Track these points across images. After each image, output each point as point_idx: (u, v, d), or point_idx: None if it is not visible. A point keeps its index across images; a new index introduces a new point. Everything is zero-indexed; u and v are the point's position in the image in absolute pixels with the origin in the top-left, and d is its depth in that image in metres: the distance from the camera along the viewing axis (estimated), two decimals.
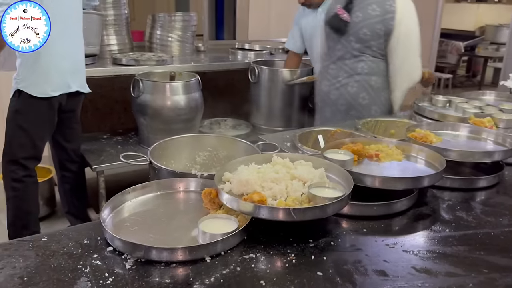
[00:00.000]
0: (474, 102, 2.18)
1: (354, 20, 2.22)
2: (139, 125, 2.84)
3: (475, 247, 1.04)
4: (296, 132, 1.90)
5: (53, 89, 2.28)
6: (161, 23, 3.34)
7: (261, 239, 1.06)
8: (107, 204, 1.11)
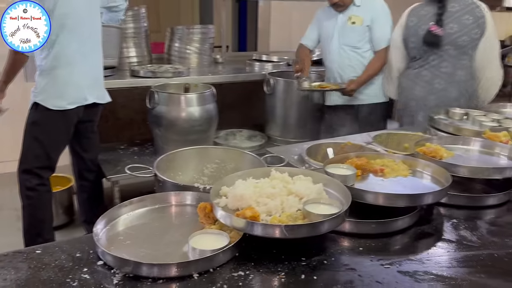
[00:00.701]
0: (493, 115, 2.11)
1: (449, 31, 2.44)
2: (154, 136, 2.88)
3: (476, 269, 1.00)
4: (304, 144, 1.88)
5: (70, 103, 2.34)
6: (179, 36, 3.39)
7: (253, 256, 1.04)
8: (102, 218, 1.12)
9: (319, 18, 2.97)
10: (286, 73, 3.27)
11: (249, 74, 3.24)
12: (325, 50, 2.96)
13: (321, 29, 2.95)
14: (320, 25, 2.95)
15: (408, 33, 2.57)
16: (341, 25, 2.82)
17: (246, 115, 3.57)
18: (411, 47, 2.57)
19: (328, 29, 2.88)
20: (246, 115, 3.57)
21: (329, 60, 2.93)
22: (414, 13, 2.57)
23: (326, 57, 2.96)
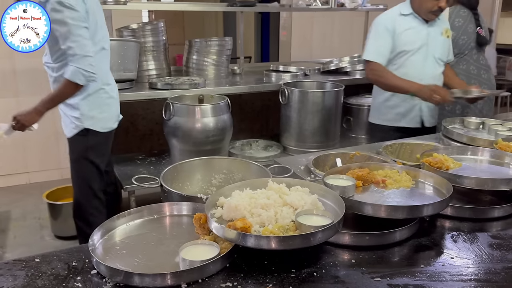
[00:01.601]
0: (509, 124, 2.04)
1: (485, 33, 3.15)
2: (170, 146, 2.93)
3: (468, 283, 0.97)
4: (311, 155, 1.88)
5: (114, 121, 2.43)
6: (197, 48, 3.45)
7: (244, 267, 1.05)
8: (99, 228, 1.15)
9: (394, 28, 2.53)
10: (302, 83, 3.28)
11: (265, 85, 3.25)
12: (403, 62, 2.58)
13: (399, 40, 2.53)
14: (397, 36, 2.53)
15: (457, 32, 3.01)
16: (433, 36, 2.58)
17: (263, 125, 3.59)
18: (461, 44, 3.05)
19: (415, 40, 2.55)
20: (263, 125, 3.59)
21: (411, 73, 2.57)
22: (457, 14, 3.05)
23: (406, 70, 2.57)
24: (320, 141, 3.01)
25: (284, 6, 4.63)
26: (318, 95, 2.97)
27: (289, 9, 4.81)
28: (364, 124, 3.37)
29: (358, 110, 3.38)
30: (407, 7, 2.57)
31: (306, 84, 3.25)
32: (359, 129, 3.41)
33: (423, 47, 2.56)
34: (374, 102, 2.79)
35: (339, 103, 3.05)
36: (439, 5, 2.44)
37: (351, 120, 3.39)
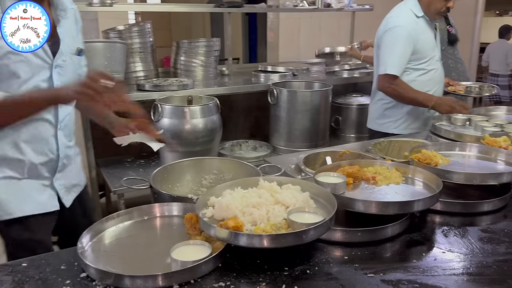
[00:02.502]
0: (495, 120, 2.07)
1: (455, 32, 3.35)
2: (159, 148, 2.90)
3: (461, 277, 0.97)
4: (301, 154, 1.88)
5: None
6: (185, 49, 3.43)
7: (236, 267, 1.04)
8: (88, 230, 1.14)
9: (412, 34, 2.40)
10: (291, 83, 3.28)
11: (254, 85, 3.24)
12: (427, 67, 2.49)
13: (418, 44, 2.43)
14: (416, 41, 2.41)
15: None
16: (438, 35, 2.59)
17: (252, 126, 3.58)
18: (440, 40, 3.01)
19: (430, 43, 2.50)
20: (252, 126, 3.58)
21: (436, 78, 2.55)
22: None
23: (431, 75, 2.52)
24: (309, 140, 3.02)
25: (271, 7, 4.64)
26: (307, 95, 2.97)
27: (276, 10, 4.81)
28: (352, 123, 3.39)
29: (347, 109, 3.39)
30: (418, 8, 2.43)
31: (295, 84, 3.26)
32: (347, 128, 3.42)
33: (435, 48, 2.53)
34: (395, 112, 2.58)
35: (327, 103, 3.06)
36: (448, 5, 2.38)
37: (339, 119, 3.40)
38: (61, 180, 1.62)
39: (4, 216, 1.49)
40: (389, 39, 2.42)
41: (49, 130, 1.53)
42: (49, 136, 1.53)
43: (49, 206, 1.59)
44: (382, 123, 2.63)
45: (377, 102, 2.66)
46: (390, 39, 2.41)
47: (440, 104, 2.36)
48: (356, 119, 3.37)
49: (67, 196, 1.68)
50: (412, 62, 2.46)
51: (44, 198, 1.57)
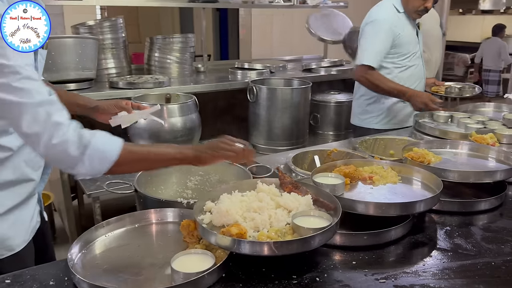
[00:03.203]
0: (477, 116, 2.09)
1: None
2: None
3: (474, 280, 0.96)
4: (290, 153, 1.83)
5: None
6: (159, 45, 3.32)
7: (241, 276, 0.98)
8: (77, 241, 1.05)
9: (392, 28, 2.40)
10: (269, 80, 3.23)
11: (232, 83, 3.18)
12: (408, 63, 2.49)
13: (398, 38, 2.42)
14: (396, 35, 2.41)
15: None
16: (419, 32, 2.55)
17: (230, 124, 3.51)
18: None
19: (411, 39, 2.48)
20: (230, 124, 3.51)
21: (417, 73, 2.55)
22: None
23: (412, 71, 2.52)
24: (289, 138, 2.98)
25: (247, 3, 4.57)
26: (286, 92, 2.93)
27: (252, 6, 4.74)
28: (331, 121, 3.38)
29: (325, 107, 3.38)
30: (399, 4, 2.44)
31: (273, 82, 3.22)
32: (326, 126, 3.41)
33: (417, 45, 2.53)
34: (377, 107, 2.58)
35: (307, 100, 3.03)
36: (425, 5, 2.39)
37: (318, 116, 3.38)
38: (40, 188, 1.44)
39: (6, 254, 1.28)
40: (369, 31, 2.43)
41: None
42: None
43: (37, 223, 1.42)
44: (364, 118, 2.63)
45: (359, 98, 2.65)
46: (370, 31, 2.42)
47: (415, 98, 2.32)
48: (335, 117, 3.36)
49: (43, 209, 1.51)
50: (394, 58, 2.46)
51: (35, 218, 1.39)
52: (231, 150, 1.27)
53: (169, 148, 1.25)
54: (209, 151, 1.26)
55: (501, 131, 1.75)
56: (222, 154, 1.26)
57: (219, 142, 1.29)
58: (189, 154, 1.24)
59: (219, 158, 1.27)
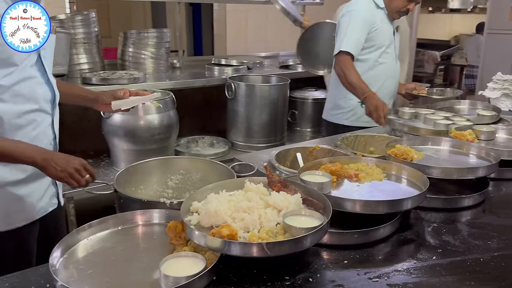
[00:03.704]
0: (440, 112, 2.12)
1: None
2: (111, 146, 2.71)
3: (465, 277, 0.96)
4: (273, 150, 1.81)
5: None
6: (133, 40, 3.23)
7: (232, 279, 0.95)
8: (59, 245, 0.99)
9: (368, 19, 2.38)
10: (247, 77, 3.20)
11: (210, 79, 3.13)
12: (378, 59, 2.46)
13: (373, 31, 2.40)
14: (371, 28, 2.39)
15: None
16: (396, 33, 2.53)
17: (207, 121, 3.46)
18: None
19: (386, 36, 2.45)
20: (207, 121, 3.46)
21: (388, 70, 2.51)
22: None
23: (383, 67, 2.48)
24: (268, 135, 2.97)
25: None
26: (265, 89, 2.91)
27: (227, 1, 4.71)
28: (308, 117, 3.39)
29: (303, 104, 3.38)
30: (380, 0, 2.42)
31: (251, 78, 3.19)
32: (304, 122, 3.42)
33: (392, 43, 2.50)
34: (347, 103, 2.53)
35: (286, 97, 3.02)
36: (408, 7, 2.39)
37: (296, 113, 3.38)
38: None
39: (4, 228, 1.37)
40: (346, 21, 2.39)
41: (46, 119, 1.45)
42: (47, 126, 1.46)
43: (50, 206, 1.52)
44: (334, 114, 2.61)
45: (331, 93, 2.65)
46: (347, 20, 2.38)
47: (370, 101, 2.18)
48: (312, 113, 3.37)
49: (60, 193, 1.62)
50: (366, 52, 2.44)
51: (46, 199, 1.50)
52: (76, 181, 1.31)
53: (19, 147, 1.27)
54: (58, 167, 1.28)
55: (479, 127, 1.79)
56: (66, 179, 1.30)
57: (74, 165, 1.32)
58: (37, 159, 1.27)
59: (62, 179, 1.31)
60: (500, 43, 5.21)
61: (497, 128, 1.82)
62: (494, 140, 1.76)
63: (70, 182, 1.32)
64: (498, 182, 1.45)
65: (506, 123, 2.13)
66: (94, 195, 2.68)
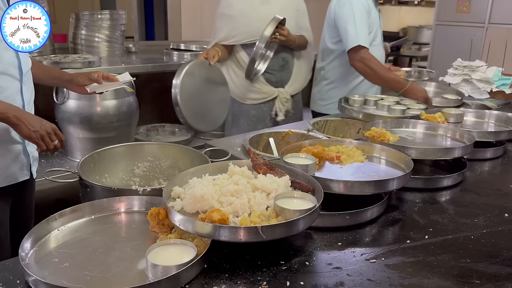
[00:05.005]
0: (389, 98, 2.15)
1: None
2: (65, 134, 2.52)
3: (459, 254, 0.95)
4: (246, 135, 1.75)
5: None
6: (86, 22, 3.04)
7: (224, 266, 0.89)
8: (28, 236, 0.89)
9: (366, 6, 2.31)
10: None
11: (169, 64, 3.00)
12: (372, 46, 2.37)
13: (371, 20, 2.34)
14: (368, 14, 2.33)
15: None
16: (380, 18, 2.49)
17: (165, 109, 3.32)
18: None
19: (376, 20, 2.40)
20: (165, 109, 3.32)
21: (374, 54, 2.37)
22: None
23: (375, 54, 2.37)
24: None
25: None
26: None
27: None
28: None
29: None
30: None
31: None
32: None
33: (379, 28, 2.47)
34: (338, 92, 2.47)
35: None
36: None
37: None
38: (30, 145, 1.53)
39: None
40: (349, 12, 2.27)
41: (14, 85, 1.43)
42: (15, 92, 1.44)
43: (20, 176, 1.53)
44: (324, 104, 2.56)
45: (319, 83, 2.58)
46: (349, 12, 2.26)
47: (413, 91, 2.17)
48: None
49: (34, 166, 1.62)
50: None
51: (16, 168, 1.50)
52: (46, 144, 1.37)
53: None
54: (30, 127, 1.32)
55: (448, 110, 1.82)
56: (37, 140, 1.34)
57: (46, 128, 1.36)
58: (9, 115, 1.29)
59: (32, 139, 1.35)
60: (447, 34, 5.44)
61: (465, 111, 1.87)
62: (463, 122, 1.80)
63: (40, 143, 1.35)
64: (471, 162, 1.47)
65: (468, 106, 2.19)
66: (49, 187, 2.50)
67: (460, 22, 5.24)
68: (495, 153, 1.60)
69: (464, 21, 5.17)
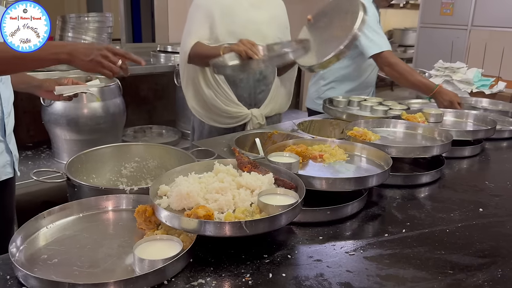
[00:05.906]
0: (372, 98, 2.21)
1: None
2: (52, 137, 2.55)
3: (435, 247, 1.00)
4: (232, 136, 1.79)
5: None
6: (72, 25, 3.04)
7: (210, 260, 0.92)
8: (18, 233, 0.91)
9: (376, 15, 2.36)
10: None
11: (157, 66, 3.03)
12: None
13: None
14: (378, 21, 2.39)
15: None
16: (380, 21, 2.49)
17: (153, 111, 3.35)
18: None
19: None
20: (153, 111, 3.35)
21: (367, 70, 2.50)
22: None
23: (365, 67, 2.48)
24: None
25: None
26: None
27: None
28: None
29: None
30: None
31: None
32: None
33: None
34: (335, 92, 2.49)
35: None
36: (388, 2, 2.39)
37: None
38: (11, 143, 1.54)
39: None
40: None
41: None
42: None
43: (3, 174, 1.53)
44: (319, 103, 2.51)
45: (316, 83, 2.62)
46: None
47: (441, 95, 2.16)
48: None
49: (16, 164, 1.62)
50: None
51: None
52: (108, 68, 1.30)
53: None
54: (85, 57, 1.27)
55: (428, 110, 1.87)
56: (98, 69, 1.29)
57: (100, 53, 1.29)
58: (61, 53, 1.25)
59: (93, 70, 1.30)
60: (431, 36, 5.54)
61: (444, 111, 1.93)
62: (442, 122, 1.86)
63: (103, 71, 1.30)
64: (449, 160, 1.53)
65: None
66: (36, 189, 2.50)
67: (444, 25, 5.34)
68: (473, 151, 1.66)
69: (448, 23, 5.27)
